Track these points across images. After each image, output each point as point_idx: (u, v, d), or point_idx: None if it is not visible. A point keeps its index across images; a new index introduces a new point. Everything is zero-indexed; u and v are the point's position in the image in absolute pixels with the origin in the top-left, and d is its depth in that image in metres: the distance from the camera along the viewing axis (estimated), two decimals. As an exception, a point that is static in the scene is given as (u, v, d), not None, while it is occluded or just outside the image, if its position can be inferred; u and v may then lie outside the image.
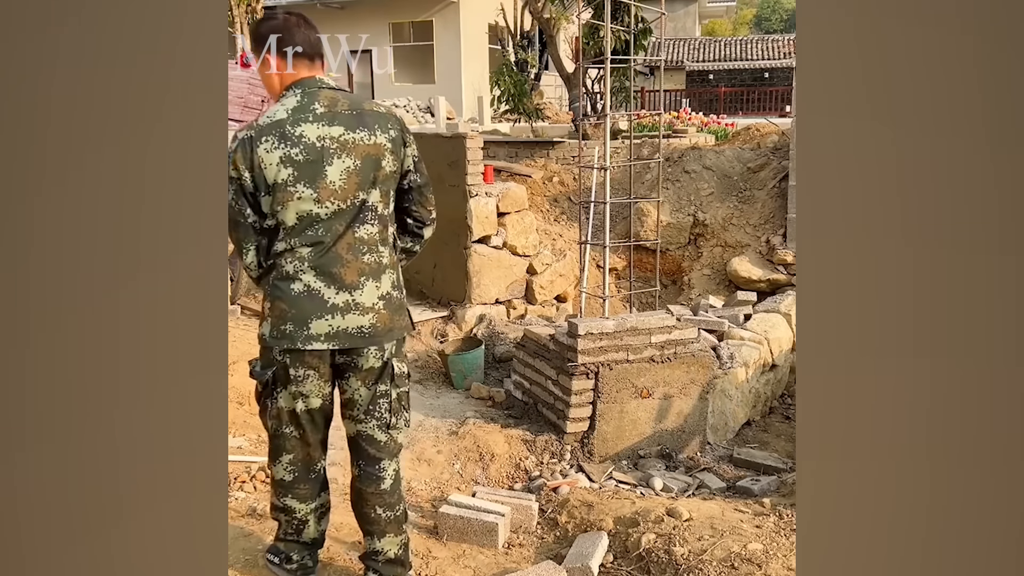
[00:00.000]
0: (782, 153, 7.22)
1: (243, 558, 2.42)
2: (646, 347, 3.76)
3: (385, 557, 2.23)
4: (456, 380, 4.64)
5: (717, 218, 7.07)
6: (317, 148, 1.98)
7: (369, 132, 2.03)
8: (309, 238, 2.00)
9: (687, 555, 2.50)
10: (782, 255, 6.50)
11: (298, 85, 2.07)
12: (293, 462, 2.19)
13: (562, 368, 3.75)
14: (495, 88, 10.34)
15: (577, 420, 3.71)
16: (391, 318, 2.12)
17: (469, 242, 5.26)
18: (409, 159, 2.15)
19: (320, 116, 2.01)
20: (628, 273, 5.13)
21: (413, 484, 3.27)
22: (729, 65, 24.64)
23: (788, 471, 3.64)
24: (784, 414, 4.84)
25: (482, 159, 5.32)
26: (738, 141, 7.92)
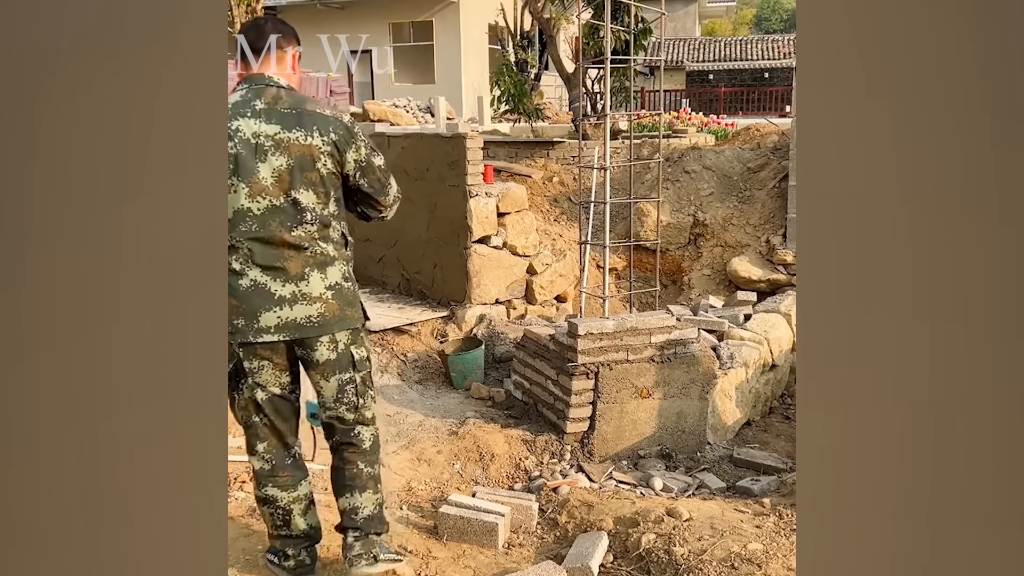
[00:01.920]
0: (782, 153, 7.22)
1: (243, 558, 2.42)
2: (646, 347, 3.76)
3: (364, 514, 2.29)
4: (456, 380, 4.64)
5: (717, 218, 7.07)
6: (251, 144, 2.01)
7: (306, 133, 2.05)
8: (245, 234, 2.05)
9: (687, 555, 2.50)
10: (782, 255, 6.50)
11: (247, 80, 2.11)
12: (268, 449, 2.25)
13: (562, 368, 3.75)
14: (495, 88, 10.34)
15: (577, 420, 3.71)
16: (340, 308, 2.16)
17: (469, 242, 5.26)
18: (350, 162, 2.15)
19: (258, 112, 2.04)
20: (628, 273, 5.14)
21: (413, 484, 3.27)
22: (729, 65, 24.64)
23: (788, 471, 3.63)
24: (784, 414, 4.84)
25: (482, 159, 5.32)
26: (738, 141, 7.92)
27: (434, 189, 5.41)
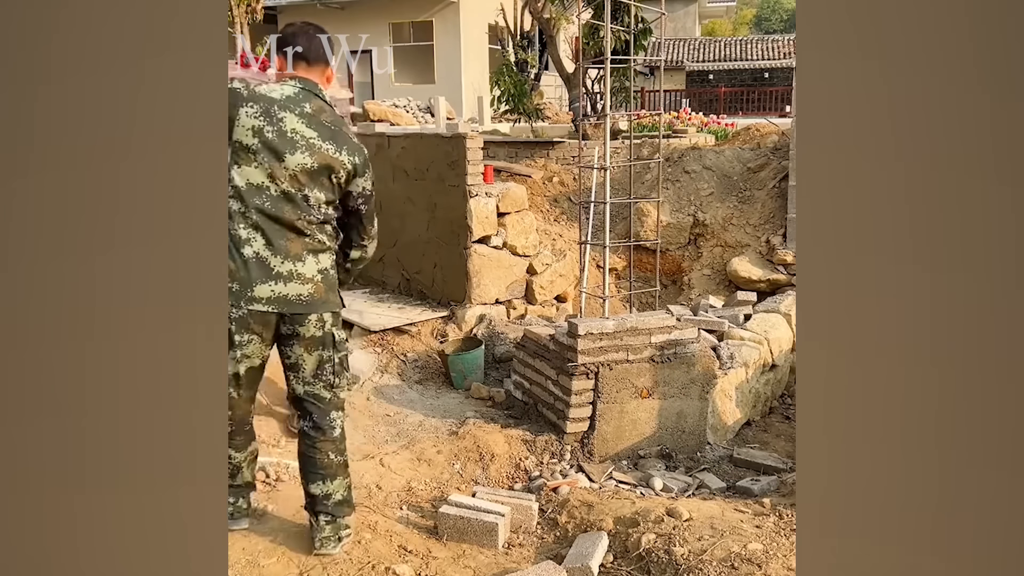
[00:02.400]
0: (782, 153, 7.22)
1: (243, 558, 2.42)
2: (646, 347, 3.76)
3: (335, 499, 2.47)
4: (456, 380, 4.64)
5: (717, 218, 7.07)
6: (288, 137, 2.24)
7: (336, 148, 2.31)
8: (258, 206, 2.23)
9: (687, 555, 2.50)
10: (782, 255, 6.50)
11: (300, 82, 2.34)
12: (232, 419, 2.43)
13: (562, 368, 3.75)
14: (495, 88, 10.33)
15: (577, 420, 3.71)
16: (326, 291, 2.37)
17: (469, 242, 5.26)
18: (358, 187, 2.41)
19: (303, 115, 2.28)
20: (628, 273, 5.14)
21: (413, 484, 3.27)
22: (729, 65, 24.64)
23: (788, 471, 3.63)
24: (784, 414, 4.84)
25: (482, 159, 5.31)
26: (738, 141, 7.92)
27: (434, 189, 5.41)
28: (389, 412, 4.08)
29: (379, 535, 2.68)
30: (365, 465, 3.35)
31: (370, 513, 2.87)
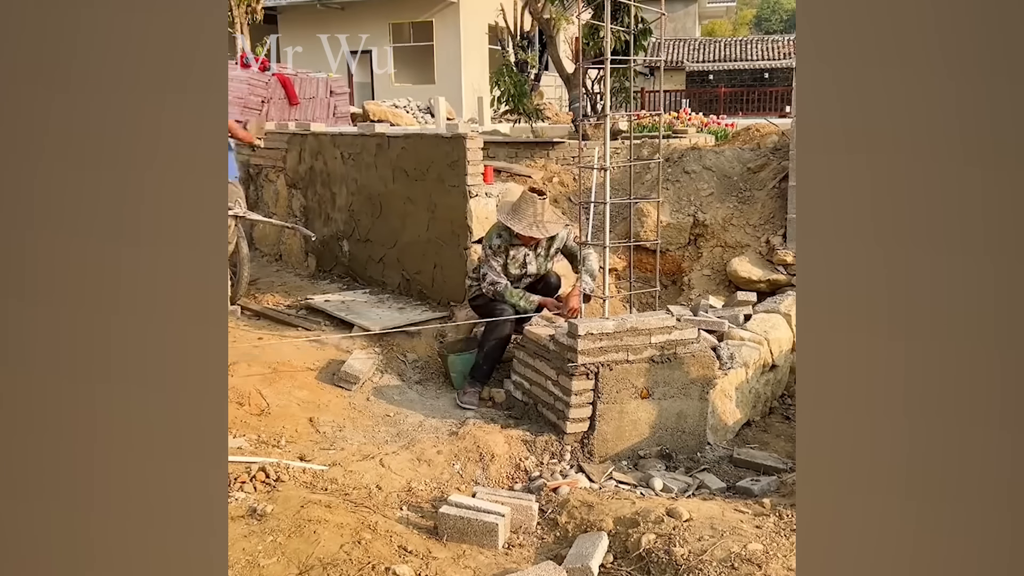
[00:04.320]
0: (782, 153, 7.22)
1: (243, 558, 2.42)
2: (646, 347, 3.76)
3: None
4: (456, 380, 4.64)
5: (717, 218, 7.07)
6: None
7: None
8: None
9: (687, 555, 2.50)
10: (782, 255, 6.50)
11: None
12: None
13: (562, 368, 3.75)
14: (495, 88, 10.33)
15: (577, 420, 3.70)
16: None
17: (469, 242, 5.26)
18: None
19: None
20: (628, 273, 5.13)
21: (413, 484, 3.27)
22: (729, 65, 24.65)
23: (788, 471, 3.63)
24: (784, 414, 4.84)
25: (482, 159, 5.31)
26: (738, 141, 7.92)
27: (434, 189, 5.41)
28: (389, 412, 4.08)
29: (379, 535, 2.68)
30: (365, 465, 3.35)
31: (370, 513, 2.87)
